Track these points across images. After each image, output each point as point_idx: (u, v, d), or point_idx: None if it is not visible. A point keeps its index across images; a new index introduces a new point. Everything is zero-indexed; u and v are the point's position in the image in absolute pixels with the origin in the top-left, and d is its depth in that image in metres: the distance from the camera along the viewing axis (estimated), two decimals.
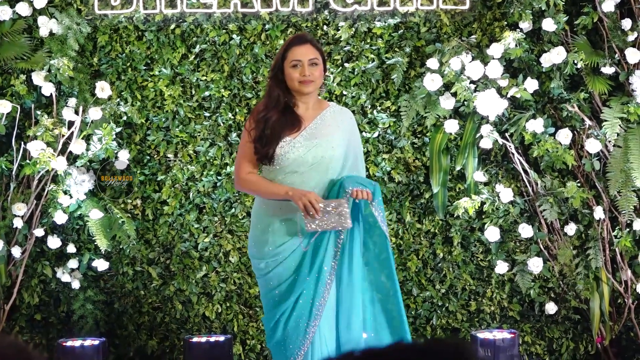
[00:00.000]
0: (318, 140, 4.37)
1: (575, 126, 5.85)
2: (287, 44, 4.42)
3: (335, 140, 4.39)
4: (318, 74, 4.38)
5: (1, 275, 5.97)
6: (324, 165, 4.36)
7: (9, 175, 5.96)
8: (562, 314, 6.09)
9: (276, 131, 4.32)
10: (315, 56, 4.37)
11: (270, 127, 4.32)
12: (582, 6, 5.83)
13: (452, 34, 5.93)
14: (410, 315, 6.10)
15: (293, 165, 4.34)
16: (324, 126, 4.41)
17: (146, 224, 6.13)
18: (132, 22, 6.00)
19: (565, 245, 5.94)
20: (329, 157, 4.35)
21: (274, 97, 4.37)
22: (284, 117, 4.35)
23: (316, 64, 4.36)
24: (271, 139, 4.32)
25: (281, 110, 4.36)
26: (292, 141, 4.34)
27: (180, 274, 6.13)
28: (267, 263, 4.40)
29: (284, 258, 4.37)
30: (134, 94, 6.07)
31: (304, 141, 4.35)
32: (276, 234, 4.37)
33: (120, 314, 6.19)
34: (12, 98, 5.87)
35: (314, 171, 4.35)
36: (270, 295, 4.44)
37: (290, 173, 4.34)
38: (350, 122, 4.52)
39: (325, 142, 4.37)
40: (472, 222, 6.03)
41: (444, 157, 5.91)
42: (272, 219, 4.38)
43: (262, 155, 4.34)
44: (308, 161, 4.34)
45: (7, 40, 5.91)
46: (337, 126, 4.43)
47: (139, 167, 6.11)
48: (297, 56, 4.34)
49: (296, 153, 4.33)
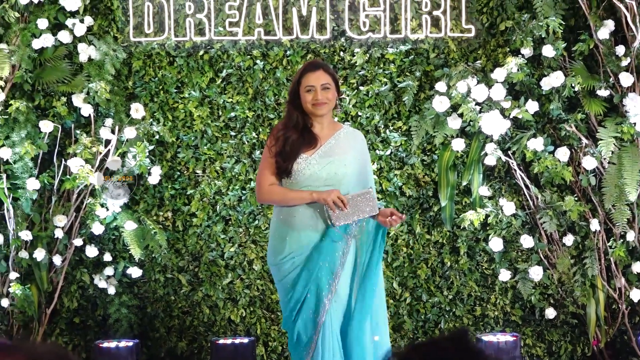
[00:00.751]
0: (332, 159, 4.46)
1: (572, 144, 5.89)
2: (302, 71, 4.51)
3: (348, 159, 4.49)
4: (331, 97, 4.47)
5: (43, 281, 6.04)
6: (336, 182, 4.44)
7: (50, 189, 6.04)
8: (560, 319, 6.11)
9: (295, 148, 4.42)
10: (327, 81, 4.45)
11: (289, 145, 4.42)
12: (579, 34, 5.88)
13: (458, 60, 5.99)
14: (420, 320, 6.16)
15: (309, 180, 4.44)
16: (338, 146, 4.49)
17: (176, 234, 6.17)
18: (164, 48, 6.09)
19: (564, 255, 5.98)
20: (342, 174, 4.45)
21: (293, 119, 4.47)
22: (302, 136, 4.44)
23: (328, 88, 4.44)
24: (290, 155, 4.41)
25: (299, 129, 4.46)
26: (308, 158, 4.44)
27: (208, 280, 6.18)
28: (284, 269, 4.48)
29: (300, 263, 4.45)
30: (165, 114, 6.14)
31: (319, 158, 4.45)
32: (293, 242, 4.44)
33: (152, 317, 6.24)
34: (54, 118, 5.99)
35: (328, 187, 4.42)
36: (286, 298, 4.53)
37: (306, 187, 4.43)
38: (361, 143, 4.61)
39: (338, 161, 4.46)
40: (478, 233, 6.08)
41: (452, 173, 5.95)
42: (288, 229, 4.46)
43: (282, 170, 4.43)
44: (322, 177, 4.43)
45: (49, 65, 6.03)
46: (350, 146, 4.52)
47: (170, 182, 6.16)
48: (310, 82, 4.43)
49: (311, 169, 4.43)
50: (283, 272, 4.51)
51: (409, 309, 6.21)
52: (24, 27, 6.01)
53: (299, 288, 4.45)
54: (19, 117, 5.92)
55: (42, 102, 6.12)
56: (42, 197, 6.11)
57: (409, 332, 6.21)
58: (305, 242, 4.44)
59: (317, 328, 4.41)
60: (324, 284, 4.42)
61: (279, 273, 4.55)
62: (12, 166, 5.97)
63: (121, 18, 6.12)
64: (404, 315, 6.19)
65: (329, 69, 4.58)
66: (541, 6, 5.77)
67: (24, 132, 5.93)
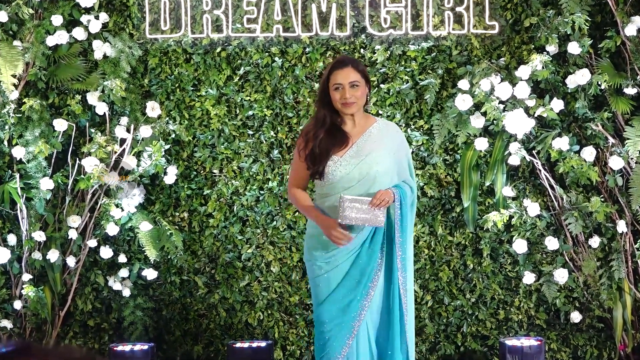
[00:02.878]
0: (364, 158, 4.38)
1: (599, 144, 5.85)
2: (330, 68, 4.43)
3: (381, 156, 4.41)
4: (360, 95, 4.39)
5: (57, 283, 6.04)
6: (370, 181, 4.37)
7: (64, 189, 6.04)
8: (586, 323, 6.07)
9: (325, 149, 4.36)
10: (356, 78, 4.37)
11: (318, 146, 4.36)
12: (606, 30, 5.84)
13: (482, 57, 5.96)
14: (442, 323, 6.13)
15: (342, 181, 4.37)
16: (370, 142, 4.42)
17: (193, 235, 6.17)
18: (181, 45, 6.08)
19: (590, 257, 5.93)
20: (374, 172, 4.36)
21: (320, 118, 4.41)
22: (332, 136, 4.38)
23: (357, 86, 4.36)
24: (321, 157, 4.36)
25: (328, 129, 4.39)
26: (339, 160, 4.37)
27: (225, 283, 6.17)
28: (319, 266, 4.44)
29: (337, 263, 4.40)
30: (182, 113, 6.14)
31: (350, 159, 4.38)
32: (329, 241, 4.37)
33: (167, 320, 6.22)
34: (68, 117, 5.99)
35: (362, 186, 4.36)
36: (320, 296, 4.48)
37: (341, 189, 4.36)
38: (395, 136, 4.52)
39: (370, 159, 4.38)
40: (501, 234, 6.03)
41: (474, 173, 5.92)
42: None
43: (314, 172, 4.39)
44: (355, 177, 4.36)
45: (64, 62, 6.03)
46: (382, 142, 4.44)
47: (186, 182, 6.15)
48: (338, 80, 4.36)
49: (343, 171, 4.36)
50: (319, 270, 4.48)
51: (431, 312, 6.18)
52: (38, 24, 6.01)
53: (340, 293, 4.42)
54: (33, 116, 5.92)
55: (56, 100, 6.13)
56: (55, 197, 6.11)
57: (430, 336, 6.18)
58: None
59: (353, 332, 4.39)
60: (366, 290, 4.39)
61: (314, 270, 4.52)
62: (26, 165, 5.98)
63: (137, 14, 6.12)
64: (425, 319, 6.16)
65: (359, 65, 4.49)
66: (567, 2, 5.73)
67: (38, 130, 5.94)
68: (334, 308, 4.42)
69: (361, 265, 4.39)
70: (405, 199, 4.43)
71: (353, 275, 4.40)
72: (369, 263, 4.40)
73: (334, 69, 4.42)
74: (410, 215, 4.49)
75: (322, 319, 4.46)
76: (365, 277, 4.39)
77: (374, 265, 4.40)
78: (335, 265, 4.42)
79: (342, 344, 4.39)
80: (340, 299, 4.41)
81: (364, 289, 4.38)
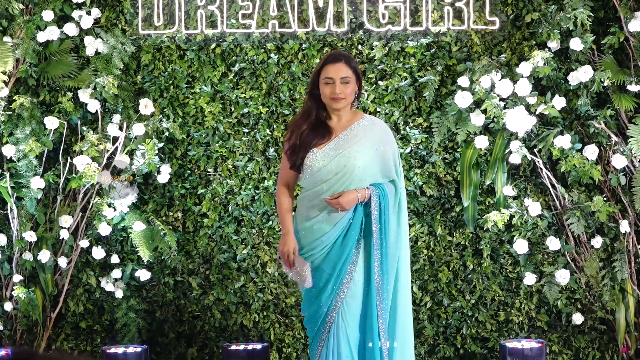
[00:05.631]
0: (342, 151, 4.41)
1: (601, 142, 5.84)
2: (323, 62, 4.46)
3: (361, 150, 4.41)
4: (349, 92, 4.41)
5: (48, 284, 6.01)
6: (348, 175, 4.39)
7: (56, 188, 6.02)
8: (588, 325, 6.05)
9: (305, 142, 4.42)
10: (348, 74, 4.40)
11: (300, 139, 4.42)
12: (609, 26, 5.83)
13: (482, 53, 5.94)
14: (441, 325, 6.10)
15: (320, 174, 4.42)
16: (351, 137, 4.44)
17: (187, 235, 6.15)
18: (174, 41, 6.06)
19: (592, 258, 5.91)
20: (352, 166, 4.38)
21: (306, 111, 4.48)
22: (315, 129, 4.43)
23: (348, 82, 4.40)
24: (300, 149, 4.42)
25: (312, 122, 4.44)
26: (318, 152, 4.41)
27: (219, 284, 6.14)
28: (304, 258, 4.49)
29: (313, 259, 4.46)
30: (175, 110, 6.12)
31: (329, 151, 4.41)
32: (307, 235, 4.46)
33: (161, 322, 6.21)
34: (60, 114, 5.97)
35: (341, 180, 4.40)
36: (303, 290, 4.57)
37: (320, 182, 4.42)
38: (380, 132, 4.51)
39: (348, 153, 4.40)
40: (502, 234, 6.02)
41: (474, 172, 5.91)
42: (303, 221, 4.49)
43: (292, 164, 4.46)
44: (332, 170, 4.39)
45: (55, 59, 6.00)
46: (365, 137, 4.45)
47: (180, 181, 6.14)
48: (329, 74, 4.39)
49: (320, 163, 4.40)
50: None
51: (430, 314, 6.14)
52: (29, 20, 5.99)
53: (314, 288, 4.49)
54: (23, 113, 5.91)
55: (47, 98, 6.10)
56: (47, 197, 6.09)
57: (430, 338, 6.15)
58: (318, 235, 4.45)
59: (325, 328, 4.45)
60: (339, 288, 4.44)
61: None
62: (16, 164, 5.97)
63: (130, 10, 6.10)
64: (424, 320, 6.12)
65: (352, 62, 4.50)
66: None
67: (28, 128, 5.92)
68: (310, 303, 4.50)
69: (333, 261, 4.44)
70: (386, 199, 4.44)
71: (324, 269, 4.45)
72: (339, 258, 4.42)
73: (327, 63, 4.44)
74: (393, 217, 4.48)
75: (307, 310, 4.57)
76: (336, 273, 4.42)
77: (346, 261, 4.41)
78: (312, 258, 4.46)
79: (319, 338, 4.46)
80: (316, 294, 4.47)
81: (334, 284, 4.42)
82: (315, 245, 4.44)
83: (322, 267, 4.44)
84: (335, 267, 4.41)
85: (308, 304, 4.52)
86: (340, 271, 4.41)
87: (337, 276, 4.41)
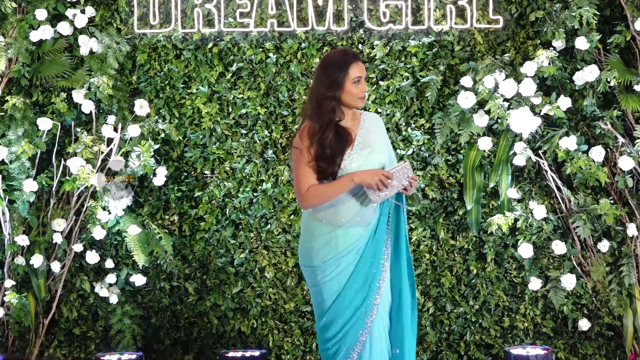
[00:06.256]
0: (369, 149, 4.35)
1: (608, 143, 5.82)
2: (348, 60, 4.30)
3: (383, 145, 4.42)
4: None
5: (41, 289, 5.99)
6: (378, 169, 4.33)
7: (49, 191, 6.02)
8: (595, 331, 6.03)
9: (336, 149, 4.29)
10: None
11: (329, 146, 4.28)
12: (615, 25, 5.81)
13: (485, 53, 5.93)
14: (444, 332, 6.06)
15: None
16: (368, 133, 4.39)
17: (183, 239, 6.14)
18: (171, 41, 6.06)
19: (599, 262, 5.89)
20: (384, 161, 4.36)
21: (328, 115, 4.29)
22: (338, 134, 4.31)
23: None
24: (333, 158, 4.28)
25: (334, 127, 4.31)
26: (351, 153, 4.32)
27: (216, 289, 6.12)
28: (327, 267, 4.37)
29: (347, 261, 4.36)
30: (172, 111, 6.11)
31: (359, 150, 4.33)
32: (341, 242, 4.33)
33: (157, 328, 6.19)
34: (53, 115, 5.96)
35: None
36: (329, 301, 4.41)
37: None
38: (383, 125, 4.53)
39: (376, 149, 4.37)
40: (506, 238, 5.99)
41: (478, 174, 5.89)
42: (333, 229, 4.35)
43: (327, 174, 4.30)
44: (368, 168, 4.30)
45: (48, 58, 5.99)
46: (377, 131, 4.44)
47: (176, 183, 6.12)
48: (359, 73, 4.29)
49: (355, 164, 4.30)
50: (326, 274, 4.39)
51: (432, 319, 6.11)
52: (22, 18, 5.97)
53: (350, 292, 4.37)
54: (16, 114, 5.89)
55: (40, 98, 6.09)
56: (39, 200, 6.07)
57: (432, 344, 6.12)
58: (354, 239, 4.36)
59: (365, 329, 4.37)
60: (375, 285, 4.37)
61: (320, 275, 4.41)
62: (8, 166, 5.95)
63: (125, 8, 6.10)
64: (426, 326, 6.09)
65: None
66: None
67: (21, 130, 5.91)
68: (345, 308, 4.37)
69: (368, 259, 4.38)
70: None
71: (362, 270, 4.36)
72: (375, 256, 4.38)
73: (353, 62, 4.32)
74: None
75: (332, 323, 4.41)
76: (372, 270, 4.37)
77: (380, 257, 4.38)
78: (346, 263, 4.36)
79: (356, 341, 4.37)
80: (353, 296, 4.37)
81: (372, 282, 4.36)
82: (351, 250, 4.36)
83: (358, 269, 4.37)
84: (371, 265, 4.37)
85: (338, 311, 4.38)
86: (376, 269, 4.37)
87: (374, 275, 4.37)
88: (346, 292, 4.36)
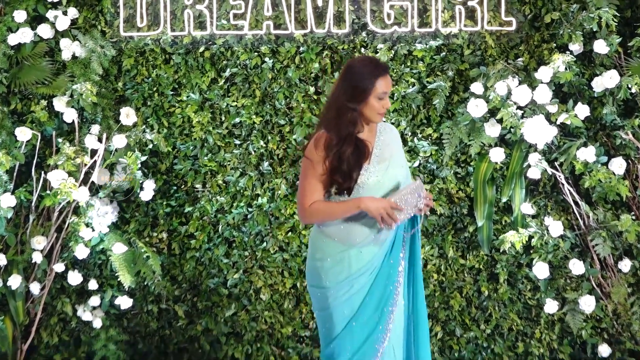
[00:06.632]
0: (387, 162, 4.32)
1: (629, 155, 5.77)
2: (377, 73, 4.24)
3: (400, 158, 4.39)
4: None
5: (19, 313, 5.97)
6: (399, 185, 4.32)
7: (28, 206, 5.99)
8: (616, 357, 5.95)
9: (354, 164, 4.26)
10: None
11: (346, 161, 4.24)
12: (637, 27, 5.76)
13: (497, 57, 5.88)
14: (454, 358, 6.01)
15: (372, 190, 4.26)
16: (385, 145, 4.37)
17: (172, 258, 6.11)
18: (159, 44, 6.10)
19: (620, 283, 5.82)
20: (402, 175, 4.34)
21: (348, 128, 4.24)
22: (356, 147, 4.28)
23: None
24: (350, 172, 4.25)
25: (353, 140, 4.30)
26: (368, 167, 4.29)
27: (208, 312, 6.07)
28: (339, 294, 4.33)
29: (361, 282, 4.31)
30: (160, 120, 6.10)
31: (376, 164, 4.30)
32: (354, 261, 4.29)
33: (144, 355, 6.12)
34: (32, 125, 5.98)
35: (391, 191, 4.30)
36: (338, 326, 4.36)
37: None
38: (398, 137, 4.50)
39: (394, 162, 4.33)
40: (520, 257, 5.93)
41: (489, 187, 5.82)
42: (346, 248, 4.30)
43: (343, 189, 4.27)
44: (385, 184, 4.28)
45: (27, 64, 5.99)
46: (393, 143, 4.42)
47: (165, 198, 6.10)
48: (385, 88, 4.23)
49: (373, 178, 4.27)
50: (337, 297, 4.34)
51: (441, 345, 6.04)
52: None
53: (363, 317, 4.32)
54: None
55: (19, 107, 6.04)
56: (18, 216, 5.99)
57: None
58: (368, 258, 4.33)
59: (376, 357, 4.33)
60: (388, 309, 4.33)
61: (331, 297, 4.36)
62: None
63: (110, 10, 6.06)
64: (434, 352, 6.01)
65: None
66: None
67: None
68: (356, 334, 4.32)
69: (383, 280, 4.34)
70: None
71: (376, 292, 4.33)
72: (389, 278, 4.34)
73: (381, 75, 4.25)
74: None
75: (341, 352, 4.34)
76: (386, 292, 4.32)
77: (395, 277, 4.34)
78: (360, 285, 4.31)
79: None
80: (365, 321, 4.32)
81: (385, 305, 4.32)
82: (365, 270, 4.31)
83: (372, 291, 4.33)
84: (385, 287, 4.33)
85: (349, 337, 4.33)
86: (391, 291, 4.33)
87: (388, 297, 4.33)
88: (358, 317, 4.30)
